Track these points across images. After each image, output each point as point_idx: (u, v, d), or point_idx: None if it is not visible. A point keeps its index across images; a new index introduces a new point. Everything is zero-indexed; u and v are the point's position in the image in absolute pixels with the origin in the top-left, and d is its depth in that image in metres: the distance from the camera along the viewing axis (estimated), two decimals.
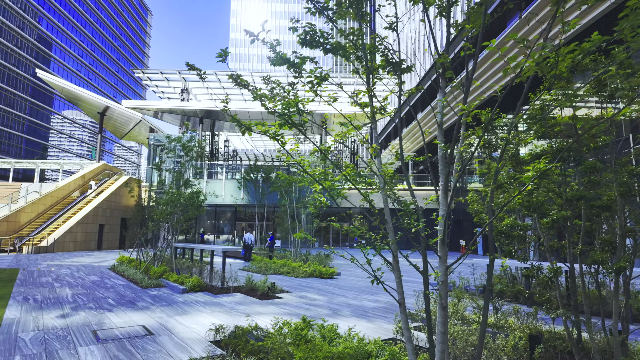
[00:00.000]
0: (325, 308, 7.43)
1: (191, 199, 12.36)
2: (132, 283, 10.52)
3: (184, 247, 12.44)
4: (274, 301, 8.08)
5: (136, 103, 33.37)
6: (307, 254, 15.95)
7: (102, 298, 8.17)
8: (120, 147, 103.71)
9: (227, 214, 35.29)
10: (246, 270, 14.19)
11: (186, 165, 15.38)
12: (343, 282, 11.49)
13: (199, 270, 11.10)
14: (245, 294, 8.88)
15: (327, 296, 8.89)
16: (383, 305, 7.86)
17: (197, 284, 9.25)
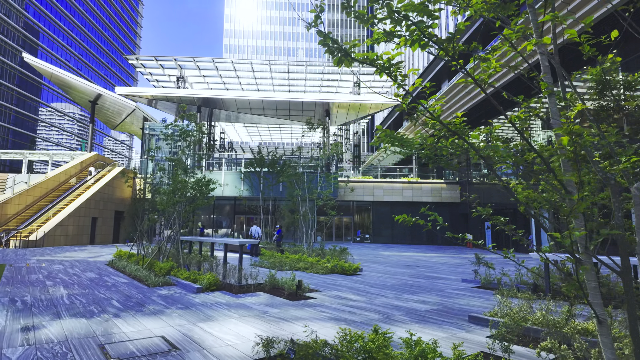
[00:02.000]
0: (371, 311, 6.30)
1: (199, 187, 11.11)
2: (135, 281, 9.27)
3: (195, 240, 11.20)
4: (306, 302, 6.93)
5: (130, 90, 31.79)
6: (321, 248, 14.81)
7: (104, 299, 6.93)
8: (111, 140, 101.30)
9: (226, 208, 34.02)
10: (257, 266, 13.01)
11: (186, 151, 14.14)
12: (370, 279, 10.38)
13: (210, 266, 9.88)
14: (269, 294, 7.71)
15: (363, 296, 7.76)
16: (435, 307, 6.74)
17: (213, 282, 8.05)
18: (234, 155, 37.75)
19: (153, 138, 32.33)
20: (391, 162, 46.32)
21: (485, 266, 10.17)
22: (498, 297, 8.26)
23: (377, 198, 32.89)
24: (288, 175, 16.73)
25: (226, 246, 9.67)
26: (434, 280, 10.56)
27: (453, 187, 33.89)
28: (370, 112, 34.32)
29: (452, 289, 8.95)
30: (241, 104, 32.74)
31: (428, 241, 33.98)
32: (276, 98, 31.23)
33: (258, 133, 53.24)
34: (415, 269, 13.57)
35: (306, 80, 38.42)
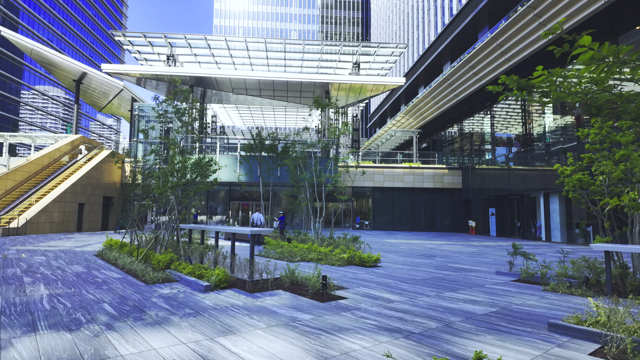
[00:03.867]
0: (422, 317, 5.20)
1: (200, 169, 9.82)
2: (130, 276, 8.03)
3: (196, 228, 9.95)
4: (338, 304, 5.80)
5: (117, 67, 29.84)
6: (330, 237, 13.70)
7: (94, 302, 5.70)
8: (98, 125, 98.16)
9: (220, 194, 32.69)
10: (263, 257, 11.86)
11: (181, 131, 12.80)
12: (394, 272, 9.31)
13: (216, 258, 8.69)
14: (290, 292, 6.56)
15: (399, 294, 6.66)
16: (492, 309, 5.67)
17: (223, 279, 6.86)
18: (228, 138, 36.17)
19: (143, 119, 30.62)
20: (389, 147, 45.21)
21: (524, 257, 9.21)
22: (547, 292, 7.29)
23: (377, 184, 31.84)
24: (293, 158, 15.46)
25: (234, 236, 8.46)
26: (464, 272, 9.53)
27: (455, 172, 32.98)
28: (371, 94, 32.96)
29: (491, 284, 7.92)
30: (236, 83, 31.08)
31: (427, 228, 33.23)
32: (273, 78, 29.65)
33: (251, 117, 51.54)
34: (433, 259, 12.57)
35: (303, 60, 36.77)
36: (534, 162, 24.34)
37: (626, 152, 6.91)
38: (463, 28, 31.60)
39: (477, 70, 26.25)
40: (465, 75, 27.61)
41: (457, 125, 35.82)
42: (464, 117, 34.05)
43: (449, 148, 37.79)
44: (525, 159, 25.26)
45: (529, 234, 24.58)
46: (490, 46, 23.41)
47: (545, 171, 23.22)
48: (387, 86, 31.79)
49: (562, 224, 21.56)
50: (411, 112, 38.81)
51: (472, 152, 33.18)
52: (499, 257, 13.53)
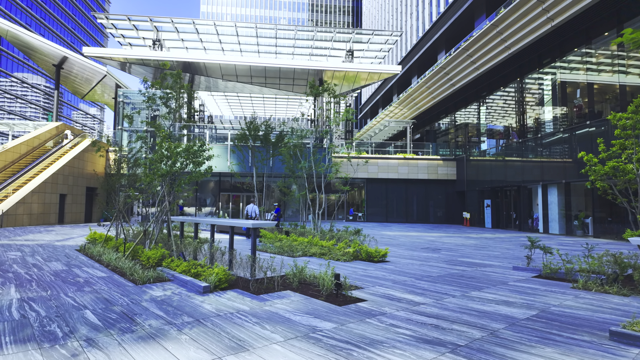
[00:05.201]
0: (458, 323, 4.51)
1: (192, 156, 8.93)
2: (116, 275, 7.17)
3: (190, 221, 9.10)
4: (359, 308, 5.08)
5: (100, 51, 28.31)
6: (330, 230, 12.97)
7: (73, 309, 4.85)
8: (81, 114, 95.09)
9: (209, 184, 31.66)
10: (261, 251, 11.09)
11: (169, 117, 11.86)
12: (406, 268, 8.65)
13: (212, 254, 7.87)
14: (301, 293, 5.81)
15: (422, 295, 5.98)
16: (532, 313, 5.03)
17: (223, 278, 6.06)
18: (218, 127, 34.96)
19: (128, 106, 29.25)
20: (382, 137, 44.60)
21: (543, 251, 8.63)
22: (578, 289, 6.71)
23: (371, 175, 31.21)
24: (289, 147, 14.62)
25: (232, 229, 7.64)
26: (479, 268, 8.93)
27: (449, 163, 32.58)
28: (365, 83, 32.15)
29: (514, 281, 7.32)
30: (226, 70, 29.87)
31: (420, 219, 32.86)
32: (265, 64, 28.56)
33: (240, 106, 50.26)
34: (439, 252, 11.98)
35: (295, 47, 35.62)
36: (532, 152, 23.98)
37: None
38: (459, 16, 30.93)
39: (475, 59, 25.65)
40: (463, 64, 27.00)
41: (452, 116, 35.34)
42: (459, 107, 33.55)
43: (444, 139, 37.35)
44: (522, 149, 24.89)
45: (526, 225, 24.32)
46: (490, 33, 22.78)
47: (544, 162, 22.88)
48: (382, 75, 31.01)
49: (560, 215, 21.28)
50: (405, 102, 38.16)
51: (466, 143, 32.77)
52: (506, 250, 13.04)
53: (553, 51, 21.80)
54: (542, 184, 22.37)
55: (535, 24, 19.85)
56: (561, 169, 21.18)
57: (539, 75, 23.50)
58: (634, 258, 7.82)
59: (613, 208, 19.33)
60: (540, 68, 23.15)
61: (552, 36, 20.78)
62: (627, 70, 17.65)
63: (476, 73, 26.75)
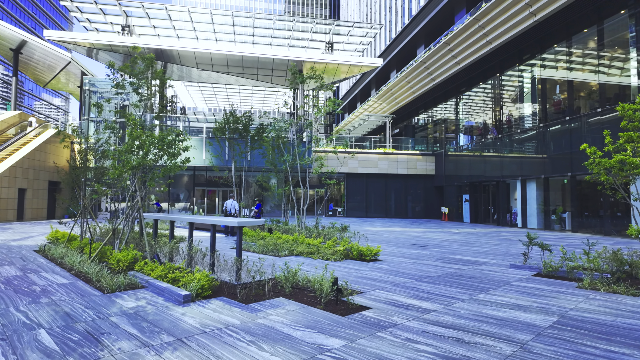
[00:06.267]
0: (483, 335, 4.00)
1: (168, 146, 8.05)
2: (81, 281, 6.27)
3: (164, 219, 8.25)
4: (365, 319, 4.49)
5: (63, 35, 26.34)
6: (315, 227, 12.34)
7: (25, 328, 4.01)
8: (44, 105, 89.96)
9: (183, 179, 30.37)
10: (243, 250, 10.32)
11: (140, 106, 10.93)
12: (401, 268, 8.15)
13: (190, 256, 7.08)
14: (296, 301, 5.16)
15: (428, 300, 5.47)
16: (552, 319, 4.60)
17: (206, 285, 5.33)
18: (191, 119, 33.51)
19: (95, 95, 27.46)
20: (361, 132, 44.27)
21: (541, 248, 8.33)
22: (584, 289, 6.40)
23: (351, 170, 30.79)
24: (271, 139, 13.85)
25: (214, 228, 6.88)
26: (475, 266, 8.56)
27: (428, 158, 32.61)
28: (346, 76, 31.57)
29: (516, 281, 6.94)
30: (201, 58, 28.54)
31: (398, 214, 32.80)
32: (243, 53, 27.44)
33: (215, 97, 48.70)
34: (429, 249, 11.60)
35: (273, 38, 34.55)
36: (511, 148, 24.17)
37: None
38: (439, 11, 30.79)
39: (456, 53, 25.54)
40: (444, 59, 26.87)
41: (431, 111, 35.37)
42: (439, 102, 33.59)
43: (423, 134, 37.40)
44: (501, 145, 25.07)
45: (504, 220, 24.55)
46: (472, 27, 22.65)
47: (523, 157, 23.10)
48: (363, 68, 30.51)
49: (538, 210, 21.54)
50: (384, 97, 37.89)
51: (445, 138, 32.88)
52: (493, 246, 12.84)
53: (533, 47, 21.92)
54: (521, 179, 22.57)
55: (518, 19, 19.82)
56: (540, 164, 21.40)
57: (519, 70, 23.64)
58: (635, 255, 7.62)
59: (589, 203, 19.69)
60: (520, 64, 23.27)
61: (533, 31, 20.85)
62: (606, 67, 17.87)
63: (457, 68, 26.69)
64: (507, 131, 24.87)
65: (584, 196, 20.07)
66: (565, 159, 19.45)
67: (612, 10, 17.21)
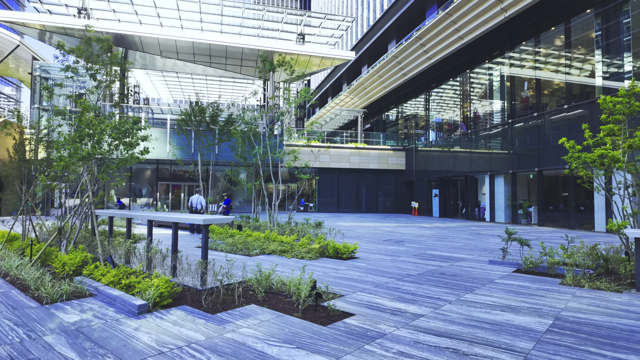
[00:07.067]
0: (481, 344, 3.60)
1: (124, 134, 7.20)
2: (16, 289, 5.37)
3: (121, 216, 7.40)
4: (349, 327, 3.99)
5: (10, 15, 24.09)
6: (288, 223, 11.75)
7: None
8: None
9: (145, 173, 28.86)
10: (210, 249, 9.59)
11: (95, 92, 9.95)
12: (379, 265, 7.74)
13: (149, 258, 6.32)
14: (269, 308, 4.58)
15: (415, 303, 5.05)
16: (547, 321, 4.30)
17: (166, 292, 4.64)
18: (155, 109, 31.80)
19: (47, 82, 25.37)
20: (333, 126, 43.88)
21: (520, 244, 8.17)
22: (568, 286, 6.22)
23: (323, 164, 30.34)
24: (241, 131, 13.09)
25: (176, 225, 6.16)
26: (454, 263, 8.29)
27: (399, 153, 32.70)
28: (317, 68, 30.99)
29: (499, 278, 6.70)
30: (166, 46, 27.02)
31: (369, 209, 32.80)
32: (211, 41, 26.22)
33: (180, 88, 46.77)
34: (404, 245, 11.32)
35: (242, 27, 33.35)
36: (480, 143, 24.52)
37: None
38: (410, 6, 30.72)
39: (427, 48, 25.54)
40: (415, 54, 26.83)
41: (402, 106, 35.46)
42: (409, 97, 33.70)
43: (394, 129, 37.49)
44: (470, 140, 25.39)
45: (473, 214, 24.94)
46: (444, 22, 22.65)
47: (492, 153, 23.47)
48: (336, 60, 30.03)
49: (506, 205, 21.97)
50: (356, 92, 37.63)
51: (416, 133, 33.07)
52: (467, 240, 12.77)
53: (503, 44, 22.21)
54: (489, 174, 22.94)
55: (489, 14, 19.95)
56: (508, 160, 21.80)
57: (489, 67, 23.95)
58: (611, 250, 7.59)
59: (554, 197, 20.25)
60: (490, 60, 23.57)
61: (503, 28, 21.09)
62: (572, 66, 18.31)
63: (428, 63, 26.74)
64: (476, 127, 25.21)
65: (549, 191, 20.62)
66: (532, 155, 19.87)
67: (579, 9, 17.60)
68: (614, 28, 16.29)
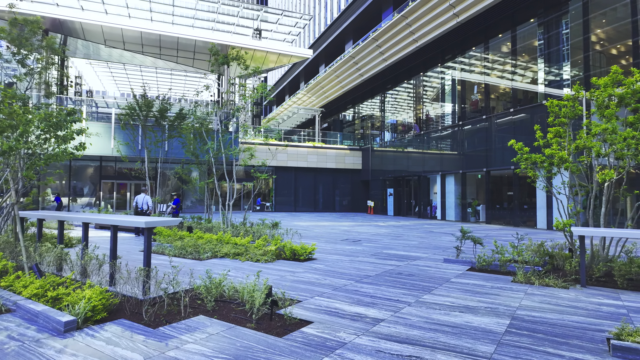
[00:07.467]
0: (444, 351, 3.48)
1: (56, 126, 6.42)
2: None
3: (50, 217, 6.61)
4: (307, 338, 3.71)
5: None
6: (243, 223, 11.25)
7: None
8: None
9: (87, 170, 26.85)
10: (156, 253, 8.92)
11: (24, 79, 8.98)
12: (337, 267, 7.54)
13: (83, 266, 5.65)
14: (220, 319, 4.19)
15: (375, 306, 4.88)
16: (504, 321, 4.30)
17: (100, 305, 4.09)
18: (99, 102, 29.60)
19: None
20: (290, 125, 43.45)
21: (473, 242, 8.34)
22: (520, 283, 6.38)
23: (280, 163, 29.88)
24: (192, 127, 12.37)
25: (115, 228, 5.56)
26: (410, 262, 8.31)
27: (356, 153, 33.01)
28: (275, 65, 30.43)
29: (454, 277, 6.75)
30: (111, 35, 25.21)
31: (326, 208, 32.86)
32: (161, 32, 24.84)
33: (128, 81, 44.03)
34: (361, 244, 11.27)
35: (195, 19, 31.98)
36: (432, 144, 25.29)
37: (609, 127, 6.23)
38: (367, 7, 31.11)
39: (383, 50, 25.94)
40: (372, 55, 27.16)
41: (359, 106, 35.84)
42: (366, 98, 34.12)
43: (351, 129, 37.81)
44: (423, 141, 26.13)
45: (425, 213, 25.69)
46: (399, 25, 23.09)
47: (444, 153, 24.28)
48: (293, 58, 29.64)
49: (456, 203, 22.82)
50: (313, 90, 37.51)
51: (371, 134, 33.55)
52: (420, 239, 13.00)
53: (455, 48, 23.03)
54: (441, 174, 23.72)
55: (442, 19, 20.57)
56: (458, 160, 22.65)
57: (441, 70, 24.76)
58: (557, 247, 7.94)
59: (501, 196, 21.31)
60: (443, 64, 24.37)
61: (456, 33, 21.86)
62: (517, 72, 19.34)
63: (384, 65, 27.17)
64: (428, 128, 25.98)
65: (496, 190, 21.68)
66: (481, 156, 20.78)
67: (524, 18, 18.61)
68: (554, 38, 17.39)
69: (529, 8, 18.18)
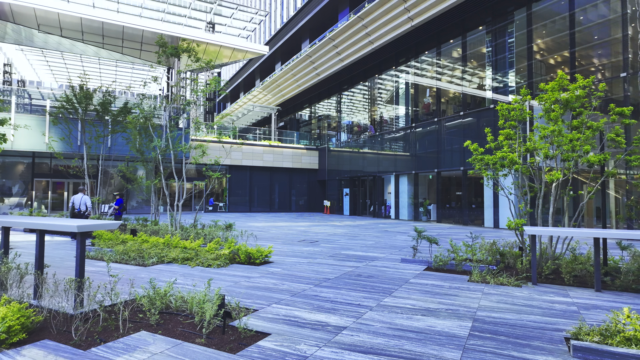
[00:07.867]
0: (410, 359, 3.30)
1: None
2: None
3: None
4: (265, 353, 3.38)
5: None
6: (194, 225, 10.58)
7: None
8: None
9: (18, 168, 24.42)
10: (94, 259, 8.10)
11: None
12: (295, 270, 7.24)
13: (2, 277, 4.89)
14: (165, 335, 3.73)
15: (336, 313, 4.65)
16: (465, 323, 4.24)
17: (17, 324, 3.48)
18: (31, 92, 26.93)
19: None
20: (245, 123, 42.39)
21: (429, 242, 8.40)
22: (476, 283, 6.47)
23: (234, 162, 29.00)
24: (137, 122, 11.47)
25: (41, 233, 4.86)
26: (368, 262, 8.21)
27: (312, 152, 32.88)
28: (229, 60, 29.47)
29: (412, 277, 6.72)
30: (46, 19, 23.00)
31: (282, 208, 32.45)
32: (103, 19, 23.06)
33: (67, 71, 40.68)
34: (319, 245, 11.06)
35: (143, 8, 30.18)
36: (386, 145, 25.74)
37: (556, 129, 6.47)
38: (323, 7, 31.05)
39: (340, 50, 26.00)
40: (328, 54, 27.14)
41: (316, 106, 35.74)
42: (323, 98, 34.08)
43: (307, 128, 37.61)
44: (378, 142, 26.54)
45: (380, 212, 26.10)
46: (356, 26, 23.23)
47: (397, 154, 24.79)
48: (248, 54, 28.87)
49: (409, 203, 23.38)
50: (269, 88, 36.85)
51: (328, 133, 33.59)
52: (377, 238, 13.05)
53: (409, 51, 23.58)
54: (395, 174, 24.20)
55: (397, 22, 20.94)
56: (411, 161, 23.22)
57: (395, 73, 25.26)
58: (507, 246, 8.20)
59: (450, 196, 22.12)
60: (397, 67, 24.87)
61: (409, 36, 22.36)
62: (465, 78, 20.16)
63: (340, 65, 27.25)
64: (382, 130, 26.43)
65: (446, 190, 22.47)
66: (432, 157, 21.43)
67: (474, 25, 19.42)
68: (501, 46, 18.30)
69: (479, 15, 18.99)
